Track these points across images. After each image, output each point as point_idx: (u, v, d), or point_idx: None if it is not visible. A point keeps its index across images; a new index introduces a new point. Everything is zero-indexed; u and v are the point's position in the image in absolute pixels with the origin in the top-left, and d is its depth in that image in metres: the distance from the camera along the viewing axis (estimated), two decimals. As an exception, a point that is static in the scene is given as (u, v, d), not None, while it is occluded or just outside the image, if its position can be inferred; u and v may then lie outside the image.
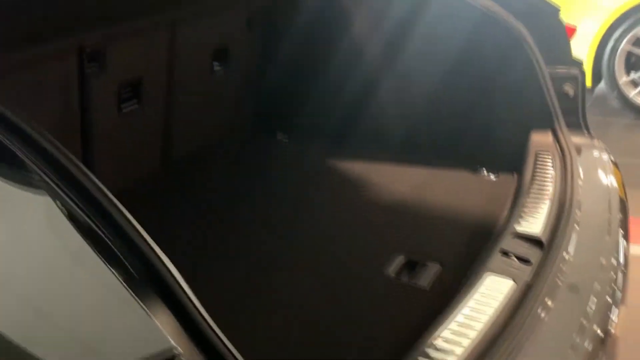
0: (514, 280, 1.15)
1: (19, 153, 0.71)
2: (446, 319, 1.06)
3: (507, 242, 1.28)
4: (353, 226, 1.66)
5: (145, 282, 0.66)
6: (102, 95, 1.62)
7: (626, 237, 1.41)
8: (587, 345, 1.03)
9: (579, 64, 1.75)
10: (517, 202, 1.44)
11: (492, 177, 1.83)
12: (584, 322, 1.08)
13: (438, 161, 1.92)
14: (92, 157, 1.71)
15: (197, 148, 2.09)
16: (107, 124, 1.70)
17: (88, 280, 0.64)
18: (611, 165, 1.65)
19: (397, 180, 1.87)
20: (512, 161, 1.75)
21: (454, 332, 1.02)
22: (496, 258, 1.23)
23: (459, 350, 0.98)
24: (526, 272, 1.19)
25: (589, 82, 4.34)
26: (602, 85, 4.51)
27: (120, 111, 1.70)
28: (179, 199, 1.85)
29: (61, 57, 1.49)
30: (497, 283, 1.15)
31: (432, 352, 0.98)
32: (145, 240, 0.70)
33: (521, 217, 1.37)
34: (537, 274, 1.18)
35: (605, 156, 1.69)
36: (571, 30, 1.87)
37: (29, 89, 1.46)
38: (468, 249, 1.42)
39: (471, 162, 1.88)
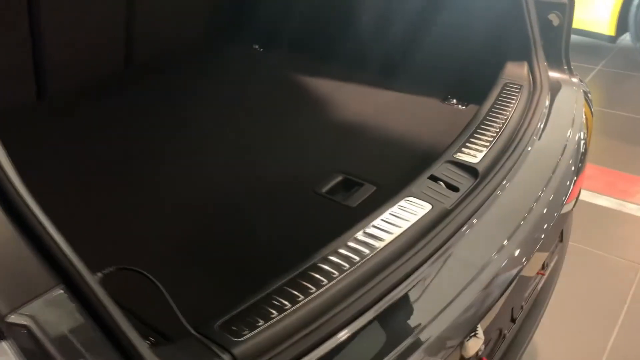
0: (432, 205, 1.08)
1: None
2: (348, 235, 1.00)
3: (440, 169, 1.20)
4: (302, 140, 1.60)
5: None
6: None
7: (573, 180, 1.32)
8: (471, 291, 0.97)
9: (568, -8, 1.59)
10: (465, 131, 1.34)
11: (461, 107, 1.73)
12: (485, 263, 1.01)
13: (409, 87, 1.81)
14: (41, 40, 1.65)
15: (165, 49, 2.01)
16: (56, 7, 1.62)
17: None
18: (583, 107, 1.53)
19: (361, 102, 1.78)
20: (485, 93, 1.64)
21: (348, 248, 0.97)
22: (423, 183, 1.16)
23: (345, 267, 0.93)
24: (451, 199, 1.12)
25: (612, 31, 4.07)
26: (627, 36, 4.25)
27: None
28: (137, 98, 1.79)
29: None
30: (414, 206, 1.08)
31: (320, 264, 0.93)
32: None
33: (465, 146, 1.28)
34: (462, 203, 1.11)
35: (580, 96, 1.57)
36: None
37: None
38: (407, 174, 1.34)
39: (442, 91, 1.77)
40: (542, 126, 1.39)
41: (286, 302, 0.86)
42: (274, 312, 0.85)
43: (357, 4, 1.98)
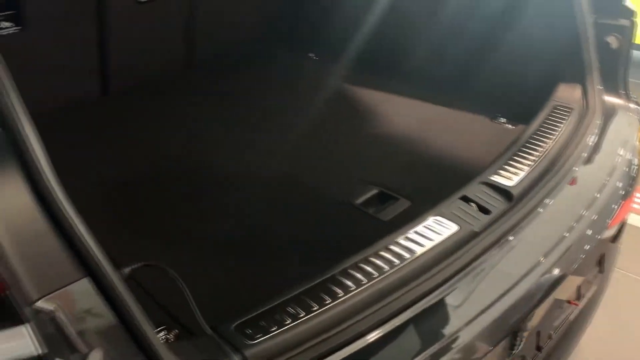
0: (459, 227, 1.09)
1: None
2: (369, 250, 1.03)
3: (474, 190, 1.20)
4: (344, 150, 1.62)
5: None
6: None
7: (620, 209, 1.28)
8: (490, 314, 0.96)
9: (630, 14, 1.54)
10: (505, 153, 1.33)
11: (510, 127, 1.70)
12: (508, 287, 1.01)
13: (459, 104, 1.80)
14: (109, 43, 1.76)
15: (222, 55, 2.09)
16: (124, 13, 1.72)
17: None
18: (637, 132, 1.48)
19: (409, 116, 1.79)
20: (536, 114, 1.61)
21: (368, 263, 0.99)
22: (454, 203, 1.16)
23: (362, 282, 0.95)
24: (480, 222, 1.11)
25: None
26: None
27: (138, 2, 1.72)
28: (192, 98, 1.88)
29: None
30: (440, 226, 1.09)
31: (339, 277, 0.96)
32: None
33: (503, 167, 1.27)
34: (491, 226, 1.11)
35: (634, 121, 1.51)
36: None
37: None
38: (444, 192, 1.34)
39: (492, 109, 1.75)
40: (590, 150, 1.36)
41: (301, 311, 0.89)
42: (288, 319, 0.88)
43: (414, 20, 1.98)
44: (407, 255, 1.01)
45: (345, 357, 0.86)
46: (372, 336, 0.89)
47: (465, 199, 1.17)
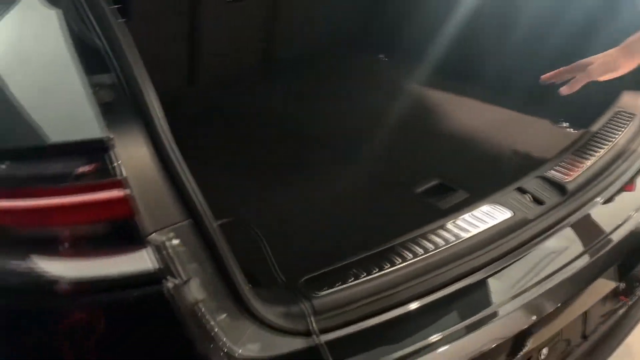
0: (513, 213, 1.17)
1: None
2: (427, 228, 1.13)
3: (530, 183, 1.28)
4: (409, 144, 1.73)
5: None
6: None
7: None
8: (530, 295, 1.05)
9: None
10: (563, 151, 1.40)
11: (572, 131, 1.75)
12: (552, 272, 1.09)
13: (523, 107, 1.87)
14: (198, 38, 1.94)
15: (299, 53, 2.24)
16: (214, 10, 1.90)
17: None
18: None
19: (472, 115, 1.87)
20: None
21: (425, 239, 1.09)
22: (510, 193, 1.24)
23: (419, 253, 1.06)
24: (533, 210, 1.19)
25: None
26: None
27: (227, 2, 1.89)
28: (269, 91, 2.04)
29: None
30: (495, 211, 1.18)
31: (397, 248, 1.07)
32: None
33: (560, 164, 1.34)
34: (544, 215, 1.18)
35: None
36: None
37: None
38: (501, 184, 1.42)
39: (555, 114, 1.81)
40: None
41: (364, 272, 1.01)
42: (352, 278, 1.00)
43: (483, 25, 2.06)
44: (461, 234, 1.11)
45: (395, 316, 0.97)
46: (422, 301, 1.00)
47: (521, 190, 1.25)
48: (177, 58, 1.94)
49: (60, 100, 0.76)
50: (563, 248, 1.15)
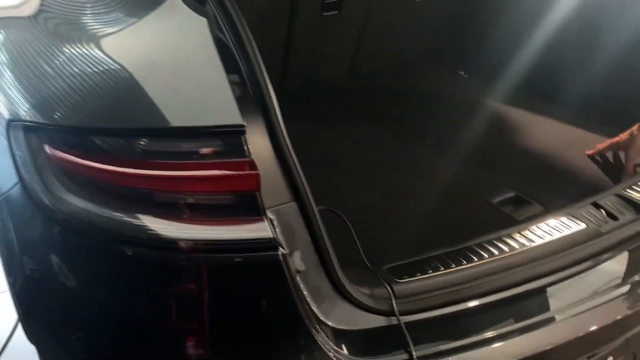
0: (586, 225, 1.23)
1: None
2: (503, 232, 1.21)
3: (606, 199, 1.33)
4: (488, 157, 1.81)
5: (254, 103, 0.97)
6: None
7: None
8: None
9: None
10: (642, 172, 1.44)
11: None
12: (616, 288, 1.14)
13: (600, 127, 1.90)
14: (293, 47, 2.10)
15: (383, 65, 2.36)
16: (309, 22, 2.05)
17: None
18: None
19: (547, 132, 1.93)
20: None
21: (501, 242, 1.18)
22: (585, 207, 1.30)
23: (495, 254, 1.14)
24: (607, 225, 1.25)
25: None
26: None
27: (322, 15, 2.04)
28: (350, 103, 2.17)
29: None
30: (570, 222, 1.24)
31: (474, 247, 1.17)
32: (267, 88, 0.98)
33: (637, 184, 1.39)
34: (616, 230, 1.24)
35: None
36: None
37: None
38: (576, 201, 1.48)
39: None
40: None
41: (441, 266, 1.11)
42: (430, 270, 1.10)
43: (563, 44, 2.10)
44: (534, 240, 1.19)
45: (464, 308, 1.07)
46: (490, 298, 1.08)
47: (596, 205, 1.31)
48: (273, 64, 2.10)
49: (209, 92, 0.91)
50: (632, 263, 1.20)
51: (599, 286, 1.16)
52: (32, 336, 1.09)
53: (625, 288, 1.15)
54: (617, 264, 1.20)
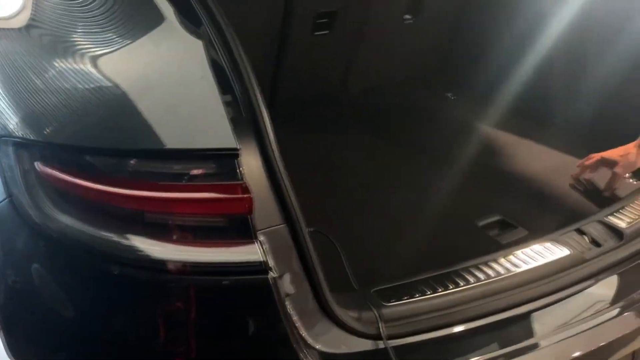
0: (570, 252, 1.25)
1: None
2: (487, 257, 1.23)
3: (589, 225, 1.35)
4: (476, 181, 1.83)
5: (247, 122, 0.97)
6: (302, 16, 1.99)
7: None
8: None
9: None
10: (625, 198, 1.47)
11: (633, 182, 1.81)
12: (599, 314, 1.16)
13: (585, 152, 1.94)
14: (285, 65, 2.11)
15: (371, 85, 2.38)
16: (300, 42, 2.07)
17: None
18: None
19: (534, 156, 1.96)
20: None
21: (486, 266, 1.19)
22: (569, 234, 1.33)
23: (480, 279, 1.16)
24: (590, 252, 1.27)
25: None
26: None
27: (313, 35, 2.06)
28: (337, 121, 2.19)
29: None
30: (554, 247, 1.26)
31: (459, 272, 1.18)
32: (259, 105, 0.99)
33: (620, 211, 1.41)
34: (599, 257, 1.26)
35: None
36: None
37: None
38: (561, 227, 1.50)
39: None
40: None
41: (428, 290, 1.12)
42: (417, 294, 1.11)
43: (550, 68, 2.14)
44: (519, 266, 1.20)
45: (451, 333, 1.07)
46: (476, 323, 1.10)
47: (580, 232, 1.33)
48: (266, 83, 2.11)
49: (203, 113, 0.92)
50: (616, 289, 1.22)
51: (582, 312, 1.17)
52: (13, 352, 1.07)
53: (609, 314, 1.17)
54: (600, 291, 1.22)
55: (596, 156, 1.69)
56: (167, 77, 0.96)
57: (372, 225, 1.55)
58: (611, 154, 1.66)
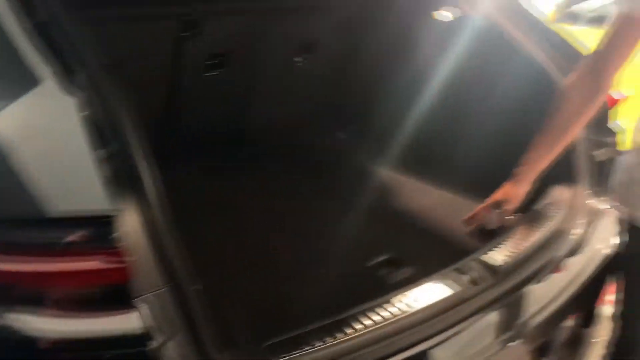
0: (450, 292, 1.32)
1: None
2: (373, 303, 1.27)
3: (467, 264, 1.44)
4: (362, 221, 1.88)
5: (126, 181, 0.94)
6: (191, 58, 1.97)
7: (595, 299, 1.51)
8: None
9: (613, 133, 1.82)
10: (499, 237, 1.58)
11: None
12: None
13: (467, 191, 2.07)
14: (176, 108, 2.08)
15: (263, 127, 2.40)
16: (191, 83, 2.05)
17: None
18: (615, 237, 1.71)
19: (422, 194, 2.06)
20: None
21: (372, 313, 1.23)
22: (449, 274, 1.40)
23: (365, 324, 1.19)
24: (470, 291, 1.35)
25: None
26: None
27: (204, 75, 2.05)
28: (228, 159, 2.18)
29: (164, 20, 1.84)
30: (434, 289, 1.33)
31: (345, 321, 1.21)
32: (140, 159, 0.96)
33: (493, 249, 1.52)
34: (477, 296, 1.34)
35: (613, 224, 1.75)
36: (614, 101, 1.92)
37: (138, 39, 1.83)
38: (443, 265, 1.58)
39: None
40: (573, 244, 1.60)
41: (316, 341, 1.13)
42: (306, 346, 1.12)
43: (441, 108, 2.26)
44: (404, 309, 1.25)
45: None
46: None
47: (459, 271, 1.41)
48: (156, 128, 2.06)
49: (81, 176, 0.87)
50: (493, 327, 1.31)
51: (465, 350, 1.23)
52: None
53: (488, 352, 1.24)
54: (479, 328, 1.29)
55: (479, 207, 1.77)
56: (40, 139, 0.91)
57: (264, 274, 1.55)
58: (494, 195, 1.76)
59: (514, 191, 1.64)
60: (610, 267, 1.61)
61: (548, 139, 1.55)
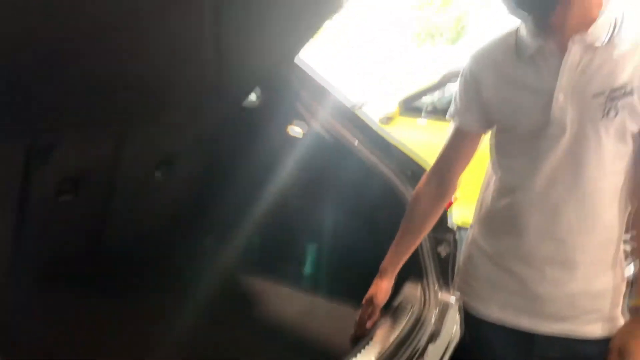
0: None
1: None
2: None
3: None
4: (227, 333, 1.89)
5: None
6: (41, 185, 1.91)
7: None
8: None
9: (452, 231, 2.05)
10: (361, 343, 1.67)
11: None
12: None
13: (332, 294, 2.17)
14: (25, 234, 1.97)
15: (126, 246, 2.35)
16: (42, 209, 1.97)
17: None
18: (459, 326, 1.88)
19: (289, 301, 2.12)
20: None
21: None
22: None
23: None
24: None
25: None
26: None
27: (56, 200, 1.98)
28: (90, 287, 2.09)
29: (10, 149, 1.78)
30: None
31: None
32: None
33: (356, 354, 1.60)
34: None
35: (456, 314, 1.93)
36: (450, 203, 2.19)
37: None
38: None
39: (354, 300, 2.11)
40: (427, 342, 1.73)
41: None
42: None
43: (290, 209, 2.39)
44: None
45: None
46: None
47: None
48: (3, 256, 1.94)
49: None
50: None
51: None
52: None
53: None
54: None
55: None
56: None
57: None
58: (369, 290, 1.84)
59: (383, 285, 1.72)
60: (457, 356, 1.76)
61: (404, 239, 1.69)
